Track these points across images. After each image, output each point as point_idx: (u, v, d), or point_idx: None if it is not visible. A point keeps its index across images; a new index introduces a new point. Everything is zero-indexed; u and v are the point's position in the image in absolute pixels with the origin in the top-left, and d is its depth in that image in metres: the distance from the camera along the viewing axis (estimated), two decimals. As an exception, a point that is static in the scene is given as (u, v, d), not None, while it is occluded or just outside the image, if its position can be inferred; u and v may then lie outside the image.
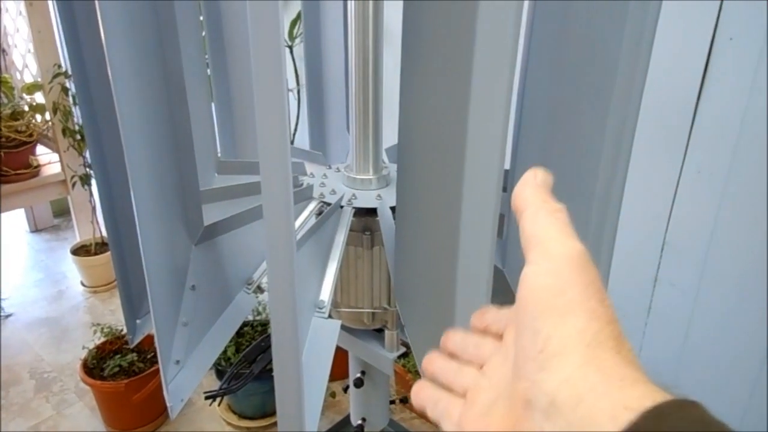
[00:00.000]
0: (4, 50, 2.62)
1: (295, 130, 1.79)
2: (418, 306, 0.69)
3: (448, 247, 0.53)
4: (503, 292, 0.72)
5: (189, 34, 0.74)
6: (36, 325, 2.26)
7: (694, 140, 1.14)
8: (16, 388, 1.92)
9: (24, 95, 2.32)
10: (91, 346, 1.73)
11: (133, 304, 0.81)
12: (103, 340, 1.74)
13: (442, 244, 0.56)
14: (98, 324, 1.77)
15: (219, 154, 0.99)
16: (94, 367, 1.68)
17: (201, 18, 0.88)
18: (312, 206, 0.77)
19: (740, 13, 1.03)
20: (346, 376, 1.01)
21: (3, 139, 2.23)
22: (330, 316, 0.70)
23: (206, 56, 0.94)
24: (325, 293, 0.69)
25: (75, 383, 1.91)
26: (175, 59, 0.66)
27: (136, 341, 0.81)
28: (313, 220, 0.78)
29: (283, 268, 0.54)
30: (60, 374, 1.98)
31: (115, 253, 0.78)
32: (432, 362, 0.38)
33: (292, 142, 1.79)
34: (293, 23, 1.74)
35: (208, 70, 0.93)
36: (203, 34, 0.90)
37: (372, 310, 0.81)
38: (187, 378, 0.69)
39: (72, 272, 2.60)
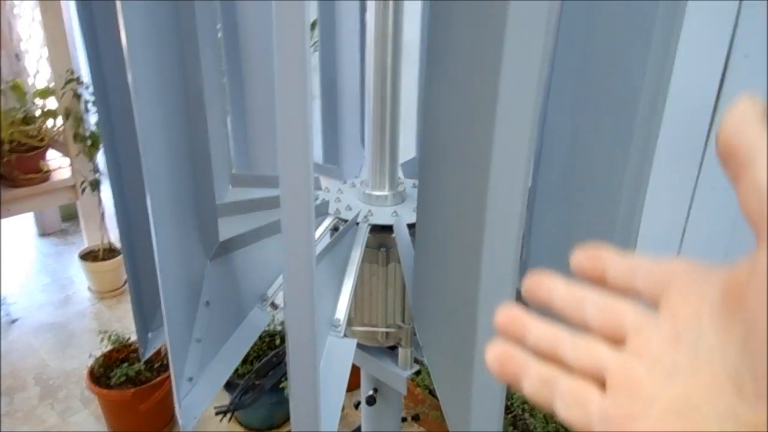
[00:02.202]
0: (17, 55, 2.63)
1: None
2: (436, 325, 0.68)
3: (470, 265, 0.52)
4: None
5: (208, 44, 0.74)
6: (42, 330, 2.26)
7: (709, 157, 1.13)
8: (22, 395, 1.91)
9: (36, 100, 2.33)
10: (98, 353, 1.73)
11: (146, 317, 0.81)
12: (110, 348, 1.74)
13: (463, 262, 0.55)
14: (105, 331, 1.77)
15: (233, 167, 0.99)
16: (101, 375, 1.68)
17: (218, 26, 0.88)
18: (327, 222, 0.76)
19: (755, 30, 1.02)
20: (355, 387, 1.00)
21: (14, 144, 2.24)
22: (345, 335, 0.69)
23: (222, 66, 0.94)
24: (341, 312, 0.68)
25: (80, 390, 1.91)
26: (195, 69, 0.66)
27: (148, 355, 0.80)
28: (328, 237, 0.78)
29: (302, 286, 0.53)
30: (66, 381, 1.97)
31: (129, 265, 0.78)
32: (522, 324, 0.27)
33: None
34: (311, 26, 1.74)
35: (224, 80, 0.93)
36: (219, 41, 0.89)
37: (386, 329, 0.80)
38: (199, 395, 0.68)
39: (79, 277, 2.60)
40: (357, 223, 0.75)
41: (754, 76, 1.04)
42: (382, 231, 0.77)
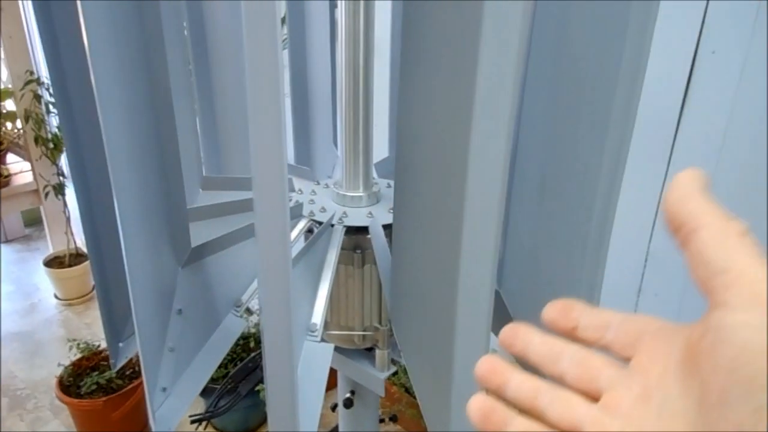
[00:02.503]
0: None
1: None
2: (414, 326, 0.68)
3: (448, 266, 0.52)
4: (500, 313, 0.71)
5: (174, 43, 0.72)
6: (8, 339, 2.20)
7: (677, 152, 1.14)
8: (-12, 406, 1.86)
9: (-5, 103, 2.26)
10: (67, 362, 1.68)
11: (116, 326, 0.78)
12: (79, 356, 1.69)
13: (441, 263, 0.55)
14: (74, 339, 1.72)
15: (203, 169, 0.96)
16: (71, 384, 1.64)
17: (184, 24, 0.86)
18: (302, 225, 0.75)
19: (722, 27, 1.04)
20: (331, 388, 0.99)
21: (-28, 148, 2.17)
22: (323, 340, 0.68)
23: (190, 66, 0.92)
24: (317, 316, 0.67)
25: (50, 400, 1.86)
26: (161, 69, 0.64)
27: (120, 365, 0.78)
28: (302, 239, 0.77)
29: (278, 291, 0.52)
30: (34, 391, 1.92)
31: (97, 273, 0.76)
32: (502, 374, 0.28)
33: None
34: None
35: (192, 80, 0.91)
36: (186, 41, 0.87)
37: (363, 332, 0.79)
38: (174, 406, 0.66)
39: (45, 284, 2.53)
40: (332, 225, 0.74)
41: (720, 72, 1.05)
42: (358, 232, 0.76)
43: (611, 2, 0.52)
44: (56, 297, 2.46)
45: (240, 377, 0.87)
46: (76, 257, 2.39)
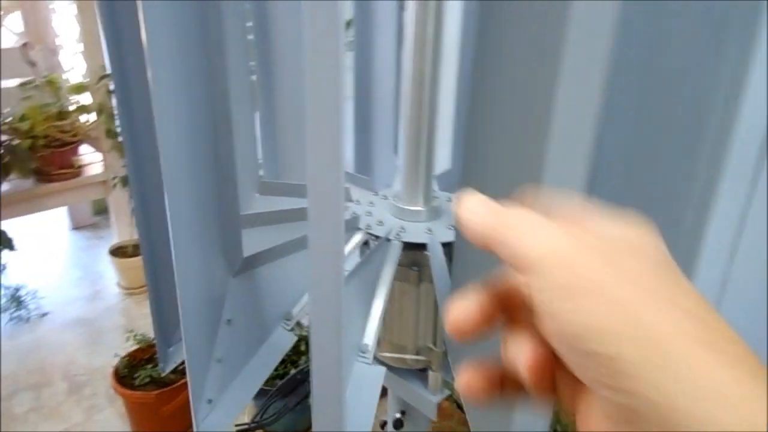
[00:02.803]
0: (53, 51, 2.66)
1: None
2: (472, 351, 0.64)
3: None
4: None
5: (235, 44, 0.70)
6: (72, 325, 2.27)
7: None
8: (49, 390, 1.92)
9: (71, 96, 2.34)
10: (123, 353, 1.72)
11: (167, 331, 0.77)
12: (135, 347, 1.72)
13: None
14: (131, 330, 1.76)
15: (261, 173, 0.95)
16: (126, 375, 1.67)
17: (248, 24, 0.84)
18: (357, 238, 0.72)
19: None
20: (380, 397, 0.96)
21: (49, 139, 2.25)
22: (376, 359, 0.65)
23: (252, 64, 0.90)
24: (370, 336, 0.64)
25: (106, 388, 1.90)
26: (220, 68, 0.62)
27: (168, 370, 0.77)
28: (357, 253, 0.73)
29: (329, 310, 0.49)
30: (92, 377, 1.97)
31: (149, 276, 0.75)
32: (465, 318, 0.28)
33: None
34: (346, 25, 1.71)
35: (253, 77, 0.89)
36: (249, 40, 0.86)
37: (416, 356, 0.75)
38: (219, 419, 0.64)
39: (109, 272, 2.61)
40: (389, 240, 0.71)
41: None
42: (415, 248, 0.72)
43: (709, 19, 0.46)
44: (119, 285, 2.53)
45: (288, 389, 0.85)
46: (139, 247, 2.45)
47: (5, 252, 2.00)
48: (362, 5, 0.89)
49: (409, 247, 0.72)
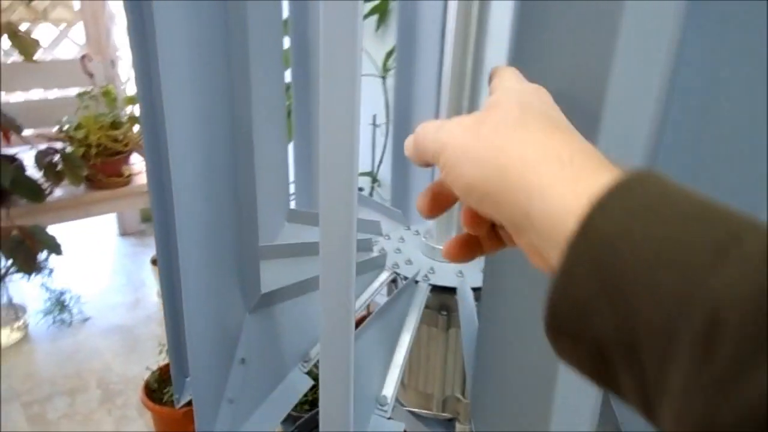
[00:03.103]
0: (112, 62, 2.73)
1: (379, 166, 1.71)
2: (498, 413, 0.58)
3: (546, 347, 0.42)
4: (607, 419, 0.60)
5: (265, 70, 0.67)
6: (111, 331, 2.30)
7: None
8: (83, 396, 1.93)
9: (125, 106, 2.39)
10: (155, 366, 1.71)
11: (183, 360, 0.75)
12: (167, 362, 1.72)
13: (537, 341, 0.45)
14: (163, 344, 1.75)
15: (294, 197, 0.92)
16: (156, 389, 1.66)
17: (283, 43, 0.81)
18: (384, 276, 0.68)
19: None
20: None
21: (101, 147, 2.30)
22: (398, 401, 0.60)
23: (288, 91, 0.88)
24: (389, 388, 0.59)
25: (138, 399, 1.90)
26: (245, 96, 0.59)
27: (183, 402, 0.74)
28: (384, 292, 0.69)
29: (339, 360, 0.45)
30: (126, 387, 1.98)
31: (167, 303, 0.72)
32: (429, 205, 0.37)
33: (374, 181, 1.71)
34: (388, 54, 1.68)
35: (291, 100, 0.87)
36: (286, 56, 0.83)
37: (441, 413, 0.70)
38: (226, 463, 0.61)
39: (150, 280, 2.64)
40: (416, 282, 0.66)
41: None
42: (445, 291, 0.67)
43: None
44: (158, 295, 2.56)
45: (308, 429, 0.80)
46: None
47: (52, 256, 2.04)
48: (406, 34, 0.86)
49: (438, 289, 0.67)
